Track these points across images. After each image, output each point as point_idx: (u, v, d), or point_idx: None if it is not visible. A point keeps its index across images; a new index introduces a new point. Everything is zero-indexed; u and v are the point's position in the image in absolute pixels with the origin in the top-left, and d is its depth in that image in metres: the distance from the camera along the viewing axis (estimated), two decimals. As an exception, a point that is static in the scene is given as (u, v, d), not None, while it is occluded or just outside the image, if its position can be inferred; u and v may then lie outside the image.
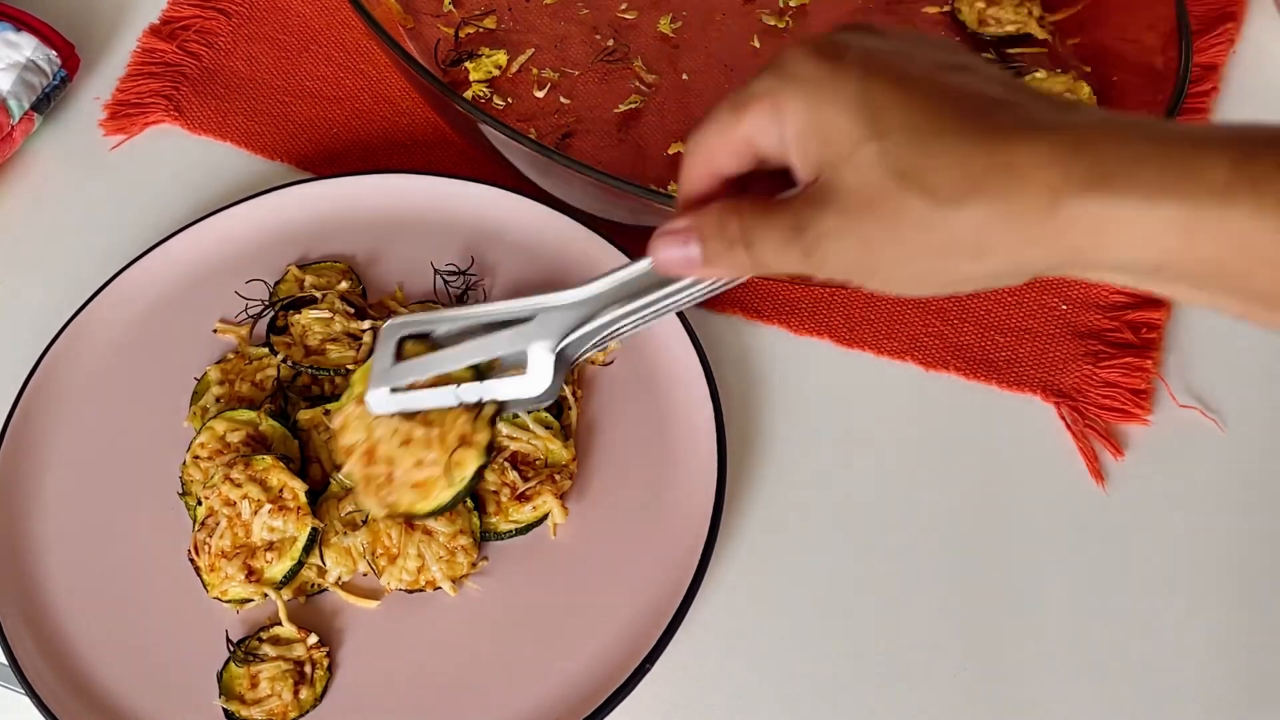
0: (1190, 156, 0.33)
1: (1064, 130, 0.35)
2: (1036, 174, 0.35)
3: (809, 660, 0.57)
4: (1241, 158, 0.33)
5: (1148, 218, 0.34)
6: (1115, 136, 0.34)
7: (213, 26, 0.79)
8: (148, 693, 0.56)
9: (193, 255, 0.67)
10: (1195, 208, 0.33)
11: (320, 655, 0.56)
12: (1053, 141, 0.35)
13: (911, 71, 0.37)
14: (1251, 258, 0.33)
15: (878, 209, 0.37)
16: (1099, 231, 0.34)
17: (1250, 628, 0.58)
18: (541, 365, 0.46)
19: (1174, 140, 0.34)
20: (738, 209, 0.41)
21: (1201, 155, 0.33)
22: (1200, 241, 0.34)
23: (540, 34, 0.77)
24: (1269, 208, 0.32)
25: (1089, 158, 0.34)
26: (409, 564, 0.57)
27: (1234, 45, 0.77)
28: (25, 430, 0.62)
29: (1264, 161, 0.33)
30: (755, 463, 0.62)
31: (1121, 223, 0.34)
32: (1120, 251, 0.35)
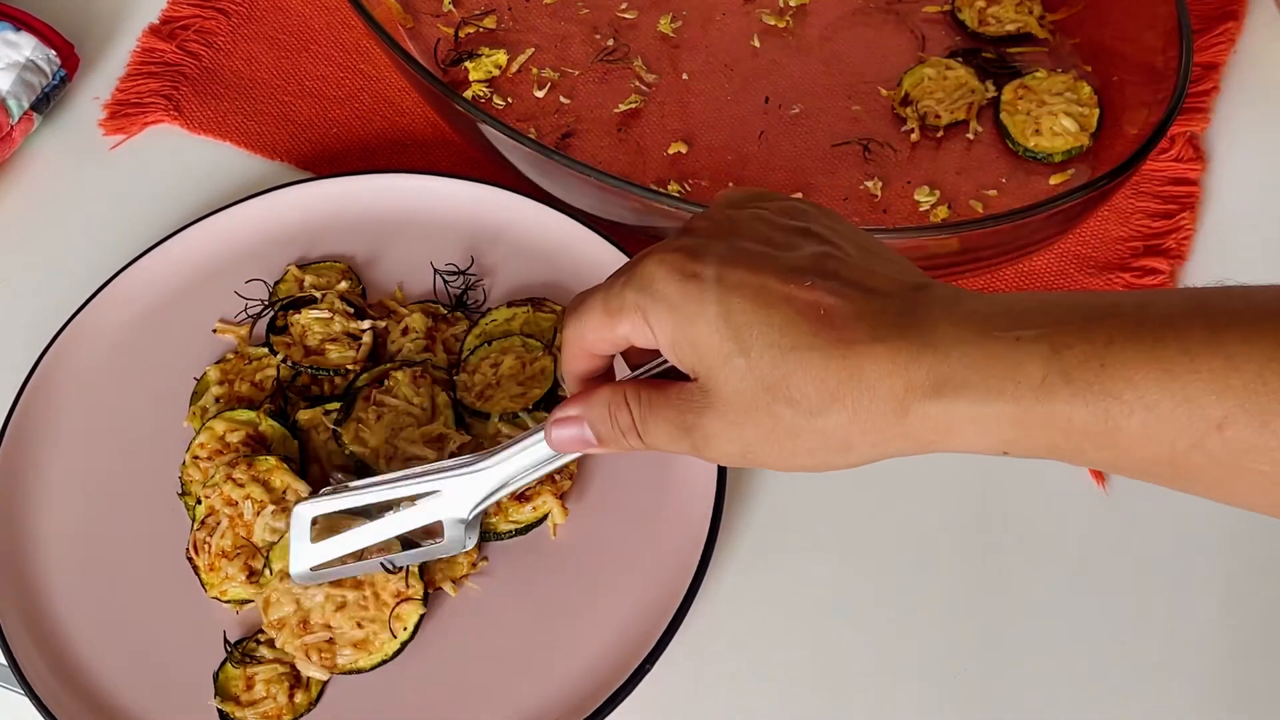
0: (1010, 356, 0.37)
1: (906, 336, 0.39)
2: (883, 384, 0.39)
3: (809, 660, 0.57)
4: (1052, 353, 0.37)
5: (983, 415, 0.38)
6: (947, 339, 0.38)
7: (212, 26, 0.79)
8: (146, 692, 0.55)
9: (193, 255, 0.67)
10: (1020, 404, 0.37)
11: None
12: (894, 350, 0.38)
13: (766, 284, 0.40)
14: (1079, 439, 0.37)
15: (753, 416, 0.40)
16: (944, 429, 0.39)
17: (1250, 628, 0.58)
18: (457, 534, 0.53)
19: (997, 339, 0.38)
20: (626, 400, 0.45)
21: (1021, 353, 0.37)
22: (1032, 431, 0.37)
23: (540, 34, 0.77)
24: (1081, 395, 0.36)
25: (925, 365, 0.38)
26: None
27: (1234, 45, 0.77)
28: (25, 430, 0.62)
29: (1071, 353, 0.36)
30: (755, 463, 0.62)
31: (962, 420, 0.38)
32: (966, 443, 0.39)
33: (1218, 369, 0.34)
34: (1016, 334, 0.37)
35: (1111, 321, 0.37)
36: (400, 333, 0.64)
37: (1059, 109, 0.71)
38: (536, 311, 0.65)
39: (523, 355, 0.62)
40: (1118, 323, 0.36)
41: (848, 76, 0.75)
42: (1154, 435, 0.36)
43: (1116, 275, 0.67)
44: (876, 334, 0.39)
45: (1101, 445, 0.37)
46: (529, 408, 0.60)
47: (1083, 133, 0.70)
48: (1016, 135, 0.71)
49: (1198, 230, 0.69)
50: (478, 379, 0.62)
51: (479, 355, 0.63)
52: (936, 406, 0.38)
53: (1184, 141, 0.72)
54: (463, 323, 0.65)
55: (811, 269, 0.41)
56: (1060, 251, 0.68)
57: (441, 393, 0.61)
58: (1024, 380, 0.37)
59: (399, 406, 0.60)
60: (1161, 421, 0.35)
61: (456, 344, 0.64)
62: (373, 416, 0.60)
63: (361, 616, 0.55)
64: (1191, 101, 0.74)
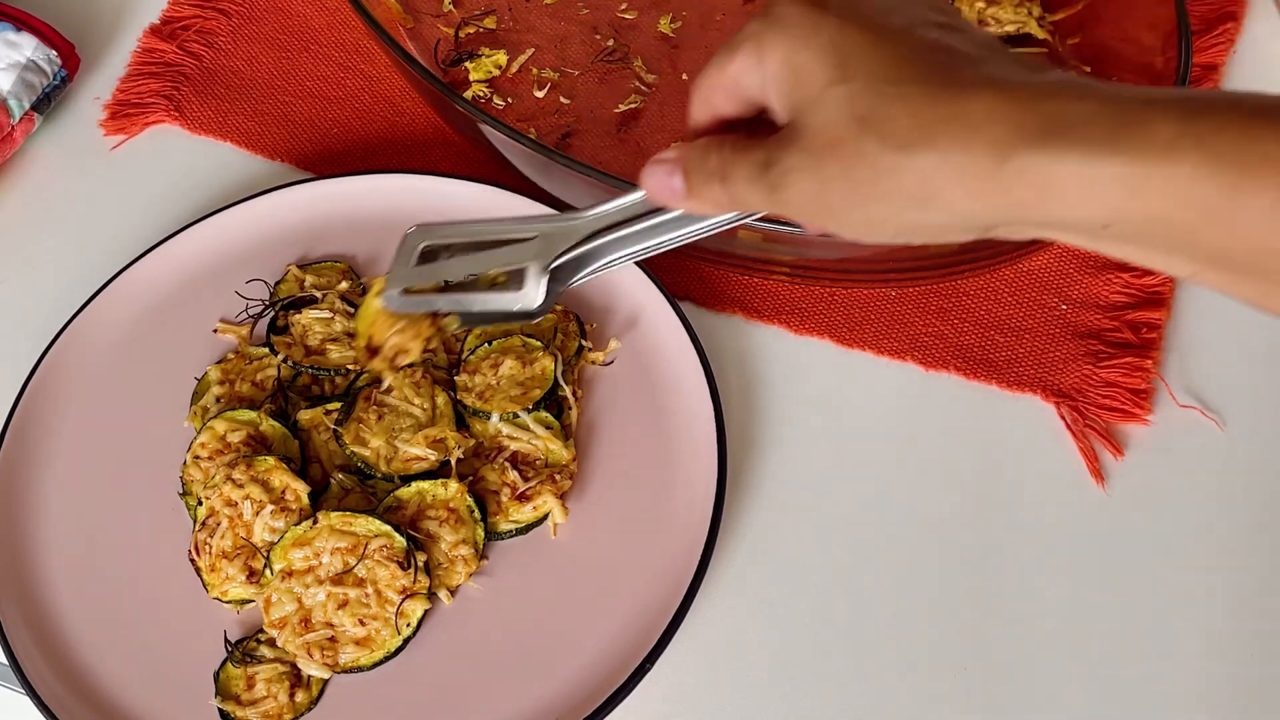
0: (1138, 114, 0.34)
1: (1020, 87, 0.36)
2: (986, 127, 0.35)
3: (809, 660, 0.57)
4: (1187, 114, 0.34)
5: (1094, 173, 0.34)
6: (1069, 94, 0.35)
7: (213, 26, 0.79)
8: (147, 692, 0.56)
9: (193, 255, 0.68)
10: (1141, 164, 0.34)
11: (320, 655, 0.56)
12: (1006, 96, 0.36)
13: (890, 23, 0.38)
14: (1197, 214, 0.34)
15: (837, 150, 0.38)
16: (1045, 186, 0.35)
17: (1250, 628, 0.58)
18: (533, 282, 0.48)
19: (1126, 99, 0.35)
20: (720, 144, 0.42)
21: (1150, 112, 0.34)
22: (1146, 198, 0.34)
23: (540, 34, 0.77)
24: (1213, 164, 0.33)
25: (1039, 113, 0.35)
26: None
27: (1234, 45, 0.77)
28: (25, 430, 0.62)
29: (1209, 119, 0.33)
30: (755, 462, 0.62)
31: (1068, 178, 0.35)
32: (1066, 208, 0.35)
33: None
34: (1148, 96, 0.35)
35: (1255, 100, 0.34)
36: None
37: (1059, 109, 0.71)
38: (536, 311, 0.65)
39: (523, 355, 0.62)
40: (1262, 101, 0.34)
41: (847, 76, 0.75)
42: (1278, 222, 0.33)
43: (1116, 275, 0.67)
44: (992, 79, 0.36)
45: (1218, 223, 0.34)
46: (529, 408, 0.60)
47: (1082, 133, 0.70)
48: (1016, 135, 0.71)
49: (1197, 230, 0.69)
50: (478, 379, 0.62)
51: (479, 355, 0.63)
52: (1042, 157, 0.35)
53: (1184, 141, 0.72)
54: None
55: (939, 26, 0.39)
56: (1060, 251, 0.68)
57: (442, 393, 0.61)
58: (1151, 138, 0.34)
59: (399, 407, 0.60)
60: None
61: (456, 344, 0.64)
62: (373, 417, 0.60)
63: (364, 614, 0.55)
64: (1191, 101, 0.74)
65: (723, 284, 0.68)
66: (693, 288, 0.68)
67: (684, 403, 0.62)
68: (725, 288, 0.68)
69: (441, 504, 0.58)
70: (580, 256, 0.48)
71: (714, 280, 0.68)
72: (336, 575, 0.56)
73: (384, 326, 0.53)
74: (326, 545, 0.56)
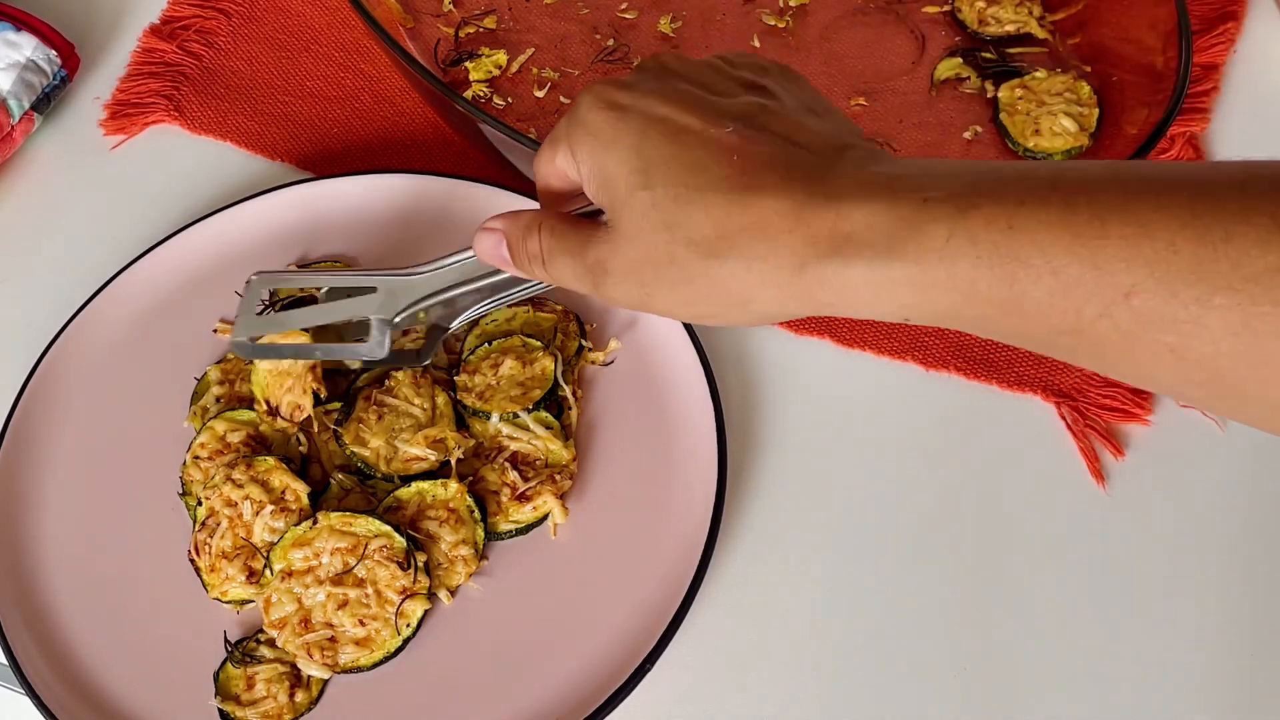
0: (915, 217, 0.36)
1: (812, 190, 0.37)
2: (782, 236, 0.37)
3: (809, 660, 0.57)
4: (958, 211, 0.35)
5: (882, 277, 0.36)
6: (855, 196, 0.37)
7: (213, 26, 0.79)
8: (147, 692, 0.56)
9: (193, 255, 0.67)
10: (922, 265, 0.36)
11: (320, 655, 0.56)
12: (798, 204, 0.37)
13: (688, 124, 0.40)
14: (985, 306, 0.35)
15: (652, 255, 0.40)
16: (841, 291, 0.37)
17: (1250, 628, 0.58)
18: (378, 334, 0.52)
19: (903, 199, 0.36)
20: (542, 227, 0.44)
21: (927, 214, 0.36)
22: (934, 295, 0.36)
23: (540, 34, 0.77)
24: (989, 259, 0.35)
25: (828, 222, 0.37)
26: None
27: (1234, 45, 0.77)
28: (25, 430, 0.62)
29: (979, 213, 0.35)
30: (755, 463, 0.62)
31: (859, 282, 0.37)
32: (866, 307, 0.38)
33: (1129, 236, 0.33)
34: (924, 195, 0.36)
35: (1024, 184, 0.35)
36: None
37: (1058, 109, 0.71)
38: (536, 311, 0.65)
39: (523, 355, 0.62)
40: (1030, 185, 0.35)
41: (847, 76, 0.75)
42: (1060, 303, 0.34)
43: (1116, 275, 0.67)
44: (784, 185, 0.38)
45: (1007, 312, 0.35)
46: (529, 408, 0.60)
47: (1082, 133, 0.70)
48: (1016, 135, 0.71)
49: (1197, 230, 0.69)
50: (478, 380, 0.62)
51: (479, 355, 0.63)
52: (834, 266, 0.37)
53: (1184, 142, 0.72)
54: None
55: (740, 116, 0.40)
56: (1060, 251, 0.68)
57: (442, 393, 0.61)
58: (927, 241, 0.35)
59: (399, 407, 0.60)
60: (1069, 288, 0.34)
61: (456, 344, 0.64)
62: (373, 417, 0.60)
63: (364, 614, 0.55)
64: (1191, 102, 0.74)
65: (723, 284, 0.68)
66: (693, 288, 0.67)
67: (684, 403, 0.62)
68: (725, 288, 0.68)
69: (441, 504, 0.58)
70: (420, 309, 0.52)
71: (714, 280, 0.68)
72: (336, 575, 0.56)
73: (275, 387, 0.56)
74: (326, 545, 0.56)
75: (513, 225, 0.46)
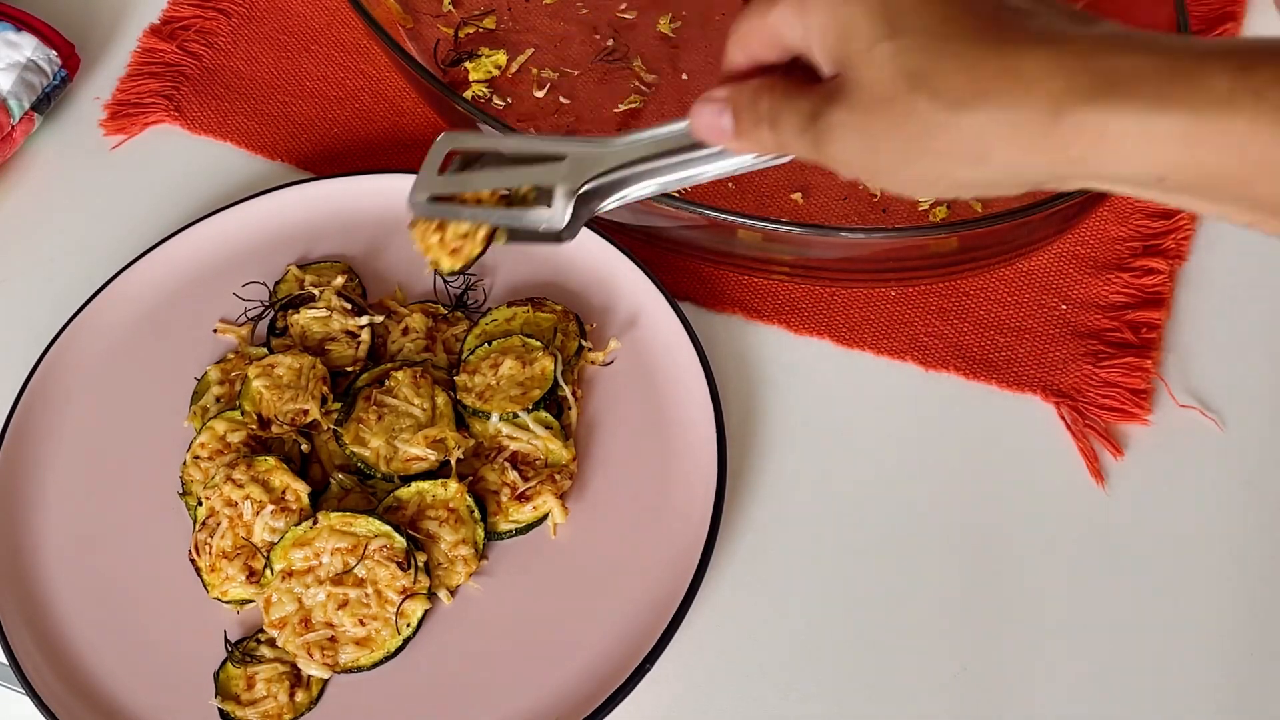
0: (1194, 66, 0.34)
1: (1073, 41, 0.35)
2: (1041, 82, 0.35)
3: (809, 660, 0.57)
4: (1243, 67, 0.33)
5: (1150, 127, 0.34)
6: (1123, 47, 0.35)
7: (213, 26, 0.79)
8: (147, 692, 0.56)
9: (193, 255, 0.68)
10: (1197, 117, 0.34)
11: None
12: (1060, 51, 0.35)
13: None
14: (1253, 166, 0.34)
15: (887, 108, 0.37)
16: (1100, 141, 0.35)
17: (1250, 628, 0.58)
18: (561, 202, 0.48)
19: (1179, 51, 0.34)
20: (771, 87, 0.42)
21: (1205, 65, 0.34)
22: (1202, 150, 0.34)
23: (540, 34, 0.77)
24: (1270, 116, 0.33)
25: (1094, 68, 0.35)
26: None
27: (1234, 45, 0.77)
28: (25, 430, 0.62)
29: (1265, 70, 0.33)
30: (755, 463, 0.62)
31: (1123, 132, 0.34)
32: (1122, 162, 0.35)
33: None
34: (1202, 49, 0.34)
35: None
36: (400, 333, 0.65)
37: (1059, 109, 0.71)
38: (536, 311, 0.65)
39: (523, 355, 0.62)
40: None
41: (847, 76, 0.75)
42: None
43: (1115, 275, 0.67)
44: (1044, 35, 0.36)
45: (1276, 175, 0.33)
46: (529, 408, 0.60)
47: (1082, 133, 0.70)
48: (1016, 135, 0.71)
49: (1197, 230, 0.69)
50: (478, 380, 0.62)
51: (479, 355, 0.63)
52: (1098, 112, 0.34)
53: (1183, 141, 0.72)
54: (463, 323, 0.65)
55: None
56: (1059, 251, 0.68)
57: (441, 393, 0.61)
58: (1207, 91, 0.33)
59: (399, 407, 0.60)
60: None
61: (456, 344, 0.64)
62: (373, 417, 0.60)
63: (364, 614, 0.55)
64: (1191, 101, 0.74)
65: (723, 284, 0.68)
66: (693, 288, 0.68)
67: (684, 402, 0.62)
68: (725, 288, 0.68)
69: (441, 504, 0.58)
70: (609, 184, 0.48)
71: (714, 280, 0.68)
72: (336, 575, 0.56)
73: (273, 400, 0.54)
74: (326, 545, 0.56)
75: (739, 89, 0.43)
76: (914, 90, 0.37)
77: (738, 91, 0.43)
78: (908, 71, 0.37)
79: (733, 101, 0.43)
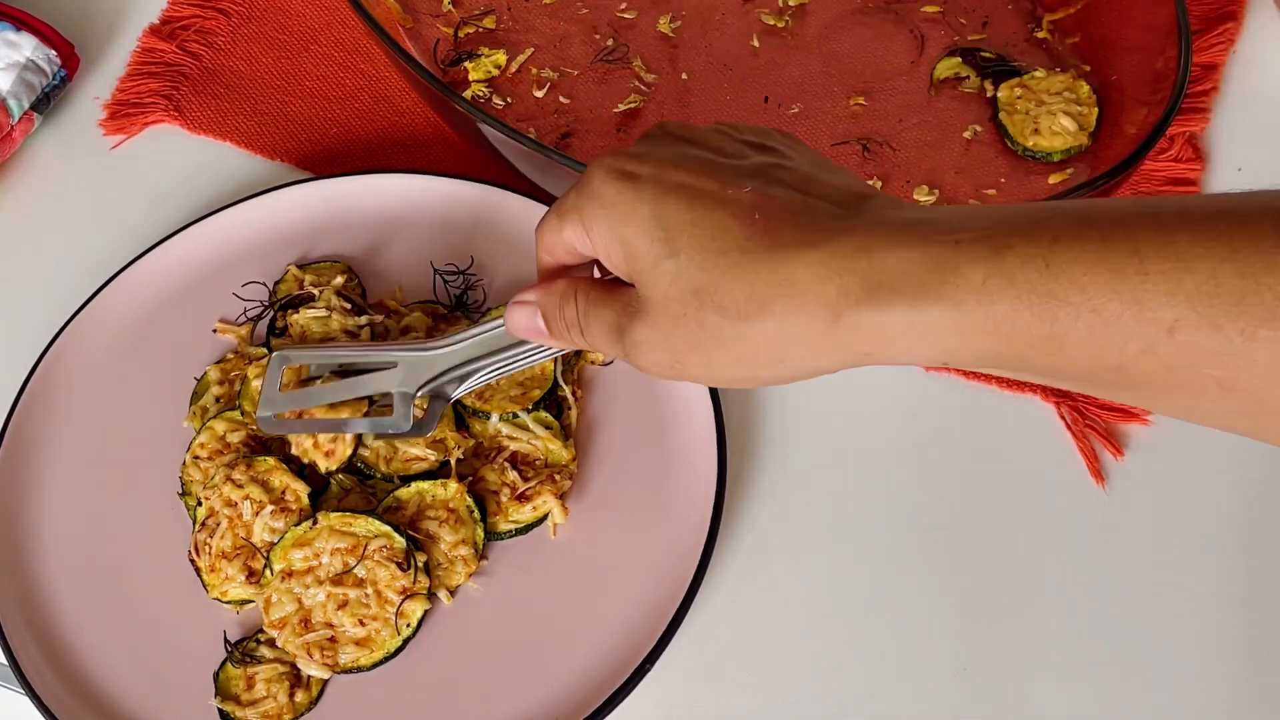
0: (949, 259, 0.36)
1: (841, 237, 0.37)
2: (814, 289, 0.37)
3: (809, 660, 0.57)
4: (994, 252, 0.35)
5: (920, 322, 0.36)
6: (884, 243, 0.37)
7: (212, 26, 0.79)
8: (147, 692, 0.56)
9: (193, 255, 0.67)
10: (960, 309, 0.35)
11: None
12: (830, 254, 0.37)
13: (704, 186, 0.40)
14: (1024, 346, 0.35)
15: (680, 323, 0.40)
16: (880, 339, 0.37)
17: (1250, 628, 0.58)
18: (402, 408, 0.54)
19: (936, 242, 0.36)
20: (573, 296, 0.45)
21: (961, 255, 0.35)
22: (973, 338, 0.36)
23: (540, 34, 0.77)
24: (1027, 298, 0.34)
25: (860, 269, 0.37)
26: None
27: (1234, 45, 0.77)
28: (25, 430, 0.62)
29: (1013, 254, 0.35)
30: (755, 463, 0.62)
31: (897, 328, 0.36)
32: (904, 353, 0.37)
33: (1168, 270, 0.33)
34: (956, 237, 0.36)
35: (1056, 222, 0.35)
36: (400, 333, 0.65)
37: (1058, 108, 0.71)
38: (536, 311, 0.65)
39: (523, 355, 0.62)
40: (1063, 223, 0.35)
41: (847, 75, 0.75)
42: (1102, 340, 0.34)
43: (1116, 275, 0.67)
44: (811, 238, 0.37)
45: (1047, 352, 0.35)
46: (529, 408, 0.60)
47: (1081, 132, 0.70)
48: (1015, 134, 0.71)
49: (1197, 230, 0.69)
50: (478, 379, 0.62)
51: (479, 355, 0.63)
52: (870, 314, 0.36)
53: (1183, 141, 0.72)
54: (463, 322, 0.65)
55: (755, 174, 0.40)
56: (1060, 251, 0.68)
57: (441, 393, 0.61)
58: (964, 284, 0.35)
59: (399, 406, 0.60)
60: (1110, 326, 0.33)
61: (456, 344, 0.64)
62: (373, 416, 0.60)
63: (364, 614, 0.55)
64: (1191, 101, 0.74)
65: (722, 284, 0.68)
66: (692, 288, 0.67)
67: (684, 403, 0.61)
68: (725, 288, 0.67)
69: (441, 504, 0.58)
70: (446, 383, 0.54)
71: (714, 280, 0.68)
72: (336, 576, 0.56)
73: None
74: (326, 546, 0.56)
75: (547, 296, 0.46)
76: (701, 306, 0.39)
77: (546, 297, 0.46)
78: (692, 289, 0.39)
79: (541, 306, 0.46)
